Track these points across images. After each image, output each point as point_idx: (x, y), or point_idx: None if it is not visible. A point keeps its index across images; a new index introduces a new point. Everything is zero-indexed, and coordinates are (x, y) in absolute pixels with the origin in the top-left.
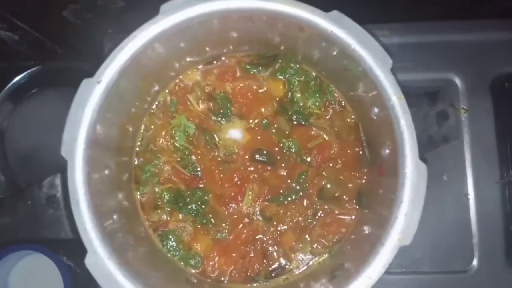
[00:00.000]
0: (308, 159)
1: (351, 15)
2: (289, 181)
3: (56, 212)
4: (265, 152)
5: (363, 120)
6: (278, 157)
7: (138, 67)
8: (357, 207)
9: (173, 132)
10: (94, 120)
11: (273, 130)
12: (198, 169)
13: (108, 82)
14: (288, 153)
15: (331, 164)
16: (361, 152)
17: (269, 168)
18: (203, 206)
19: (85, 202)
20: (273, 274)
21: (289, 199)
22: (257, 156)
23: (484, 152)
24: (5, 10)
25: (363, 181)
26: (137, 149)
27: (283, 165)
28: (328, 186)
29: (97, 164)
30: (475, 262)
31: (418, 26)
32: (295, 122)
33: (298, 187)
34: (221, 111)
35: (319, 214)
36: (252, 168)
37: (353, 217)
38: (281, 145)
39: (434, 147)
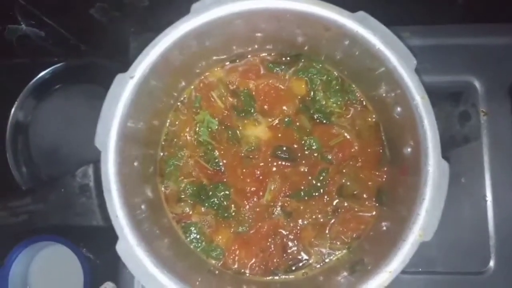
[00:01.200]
0: (329, 157)
1: (373, 16)
2: (309, 177)
3: (88, 200)
4: (286, 149)
5: (384, 119)
6: (299, 154)
7: (168, 64)
8: (377, 204)
9: (197, 127)
10: (126, 114)
11: (295, 128)
12: (221, 164)
13: (140, 78)
14: (309, 150)
15: (351, 163)
16: (381, 151)
17: (290, 164)
18: (224, 200)
19: (117, 191)
20: (292, 268)
21: (310, 195)
22: (278, 152)
23: (503, 155)
24: (34, 6)
25: (383, 179)
26: (162, 143)
27: (304, 162)
28: (348, 183)
29: (127, 156)
30: (491, 263)
31: (438, 29)
32: (316, 121)
33: (318, 184)
34: (244, 108)
35: (338, 211)
36: (273, 164)
37: (373, 214)
38: (302, 142)
39: (455, 147)
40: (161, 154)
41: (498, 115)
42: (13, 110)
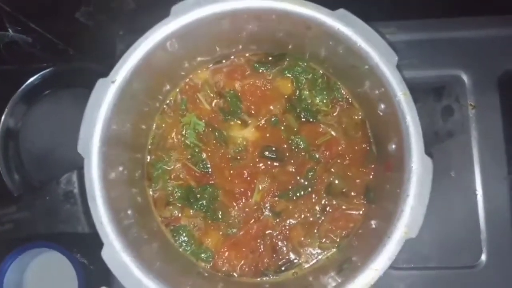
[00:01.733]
0: (316, 156)
1: (358, 12)
2: (297, 177)
3: (73, 207)
4: (274, 149)
5: (370, 116)
6: (287, 154)
7: (150, 67)
8: (365, 202)
9: (184, 130)
10: (109, 119)
11: (282, 127)
12: (208, 166)
13: (122, 82)
14: (296, 149)
15: (338, 160)
16: (368, 148)
17: (278, 164)
18: (213, 202)
19: (101, 197)
20: (282, 268)
21: (298, 194)
22: (266, 153)
23: (492, 148)
24: (19, 12)
25: (371, 176)
26: (149, 146)
27: (291, 161)
28: (336, 182)
29: (112, 161)
30: (483, 257)
31: (424, 23)
32: (303, 119)
33: (306, 183)
34: (231, 109)
35: (327, 210)
36: (261, 165)
37: (361, 212)
38: (290, 142)
39: (439, 142)
40: (148, 157)
41: (486, 108)
42: (3, 117)
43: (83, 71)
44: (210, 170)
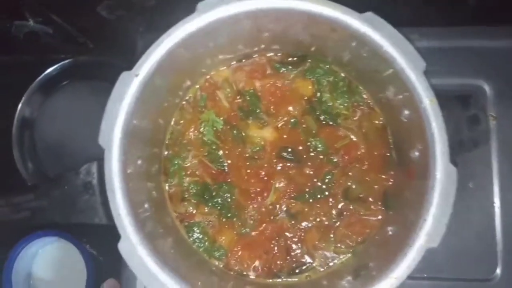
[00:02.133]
0: (335, 159)
1: (381, 18)
2: (315, 179)
3: (91, 198)
4: (291, 150)
5: (391, 122)
6: (304, 156)
7: (173, 62)
8: (383, 208)
9: (202, 127)
10: (131, 112)
11: (301, 129)
12: (225, 164)
13: (145, 76)
14: (314, 152)
15: (357, 165)
16: (388, 154)
17: (295, 166)
18: (228, 200)
19: (120, 189)
20: (296, 271)
21: (314, 197)
22: (283, 153)
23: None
24: (41, 3)
25: (390, 183)
26: (167, 142)
27: (309, 163)
28: (354, 186)
29: (131, 154)
30: (498, 271)
31: (448, 31)
32: (323, 122)
33: (323, 186)
34: (250, 108)
35: (344, 214)
36: (278, 165)
37: (378, 218)
38: (308, 144)
39: (464, 151)
40: (166, 152)
41: (507, 120)
42: (20, 106)
43: (102, 64)
44: (226, 168)
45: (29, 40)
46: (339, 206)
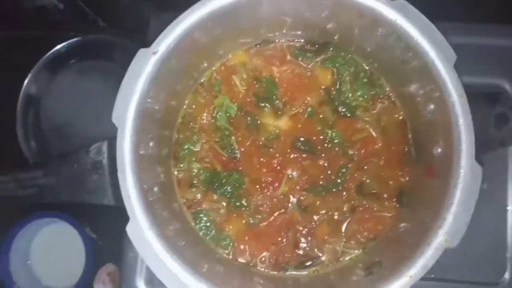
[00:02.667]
0: (351, 152)
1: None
2: (329, 172)
3: (100, 178)
4: (306, 140)
5: (412, 117)
6: (319, 147)
7: (192, 42)
8: (397, 205)
9: (215, 111)
10: (146, 91)
11: (317, 119)
12: (237, 151)
13: (163, 54)
14: (330, 144)
15: (373, 160)
16: (406, 150)
17: (309, 157)
18: (238, 189)
19: (131, 171)
20: (304, 265)
21: (328, 190)
22: (298, 144)
23: None
24: None
25: (406, 179)
26: (178, 125)
27: (324, 155)
28: (368, 181)
29: (144, 135)
30: (507, 275)
31: (472, 27)
32: (340, 113)
33: (337, 180)
34: (266, 95)
35: (356, 209)
36: (292, 156)
37: (392, 215)
38: (324, 135)
39: (490, 150)
40: (176, 136)
41: None
42: (25, 82)
43: (111, 44)
44: (238, 155)
45: (39, 14)
46: (352, 201)
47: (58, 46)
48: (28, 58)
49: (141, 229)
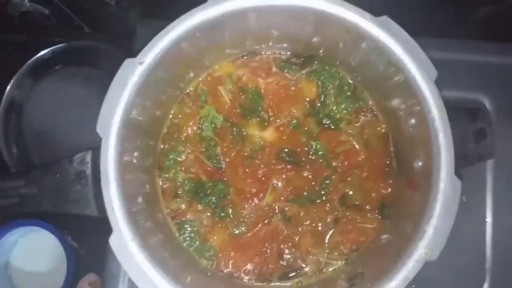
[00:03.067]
0: (334, 164)
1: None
2: (313, 183)
3: (83, 188)
4: (291, 152)
5: (394, 130)
6: (304, 159)
7: (179, 53)
8: (379, 217)
9: (201, 122)
10: (131, 101)
11: (302, 131)
12: (222, 161)
13: (150, 64)
14: (314, 155)
15: (356, 172)
16: (388, 163)
17: (293, 168)
18: (223, 200)
19: (115, 181)
20: (288, 276)
21: (311, 201)
22: (283, 155)
23: (507, 177)
24: None
25: (388, 191)
26: (163, 135)
27: (308, 167)
28: (351, 193)
29: (129, 145)
30: (485, 286)
31: (452, 43)
32: (325, 126)
33: (321, 191)
34: (251, 106)
35: (339, 221)
36: (277, 167)
37: (374, 226)
38: (309, 147)
39: (469, 164)
40: (162, 146)
41: (506, 137)
42: (8, 88)
43: (97, 51)
44: (223, 166)
45: (23, 20)
46: (335, 212)
47: (43, 52)
48: (11, 63)
49: (124, 240)
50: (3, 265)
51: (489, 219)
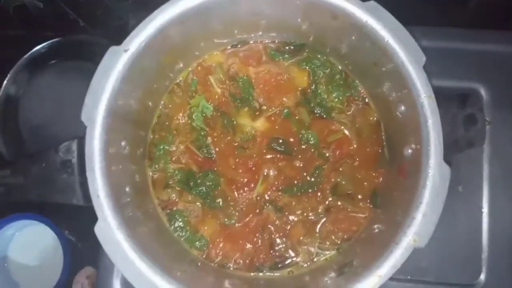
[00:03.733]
0: (326, 153)
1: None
2: (304, 173)
3: (69, 177)
4: (282, 141)
5: (385, 118)
6: (295, 148)
7: (165, 41)
8: (371, 206)
9: (191, 112)
10: (117, 89)
11: (293, 121)
12: (213, 151)
13: (134, 52)
14: (306, 145)
15: (348, 161)
16: (380, 151)
17: (285, 158)
18: (213, 190)
19: (100, 170)
20: (279, 266)
21: (303, 191)
22: (274, 144)
23: (503, 167)
24: None
25: (379, 180)
26: (154, 125)
27: (299, 156)
28: (343, 182)
29: (115, 134)
30: (482, 276)
31: (446, 32)
32: (316, 115)
33: (313, 180)
34: (242, 96)
35: (331, 210)
36: (268, 156)
37: (366, 215)
38: (300, 136)
39: (458, 151)
40: (152, 136)
41: (501, 125)
42: (5, 82)
43: (92, 44)
44: (214, 156)
45: (19, 14)
46: (327, 202)
47: (38, 46)
48: (8, 58)
49: (110, 229)
50: (0, 259)
51: (485, 209)
